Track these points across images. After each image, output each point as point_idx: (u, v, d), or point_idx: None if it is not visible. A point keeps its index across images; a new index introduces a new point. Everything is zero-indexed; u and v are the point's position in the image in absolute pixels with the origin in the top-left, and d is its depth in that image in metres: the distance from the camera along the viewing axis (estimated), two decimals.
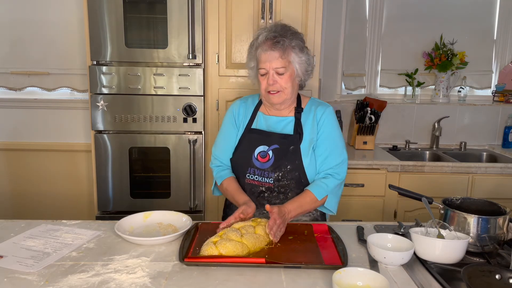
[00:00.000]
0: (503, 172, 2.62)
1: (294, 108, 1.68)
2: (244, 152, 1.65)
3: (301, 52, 1.59)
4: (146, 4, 2.46)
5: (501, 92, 3.23)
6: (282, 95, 1.60)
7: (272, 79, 1.57)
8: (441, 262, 1.25)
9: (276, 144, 1.61)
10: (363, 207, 2.62)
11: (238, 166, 1.67)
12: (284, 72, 1.57)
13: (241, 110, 1.73)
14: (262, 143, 1.63)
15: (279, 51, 1.54)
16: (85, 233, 1.47)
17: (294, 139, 1.61)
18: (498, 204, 1.38)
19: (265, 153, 1.61)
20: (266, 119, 1.69)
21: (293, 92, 1.63)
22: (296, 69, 1.60)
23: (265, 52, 1.55)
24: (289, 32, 1.59)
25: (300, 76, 1.62)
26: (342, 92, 3.20)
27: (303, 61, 1.60)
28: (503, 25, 3.22)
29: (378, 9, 3.18)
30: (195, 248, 1.33)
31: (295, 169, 1.60)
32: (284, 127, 1.66)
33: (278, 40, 1.54)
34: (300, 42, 1.60)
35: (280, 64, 1.55)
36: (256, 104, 1.74)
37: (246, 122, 1.70)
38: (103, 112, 2.44)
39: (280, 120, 1.67)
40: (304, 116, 1.66)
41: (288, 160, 1.60)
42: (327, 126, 1.64)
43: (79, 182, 3.04)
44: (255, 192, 1.63)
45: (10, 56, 2.91)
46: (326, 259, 1.27)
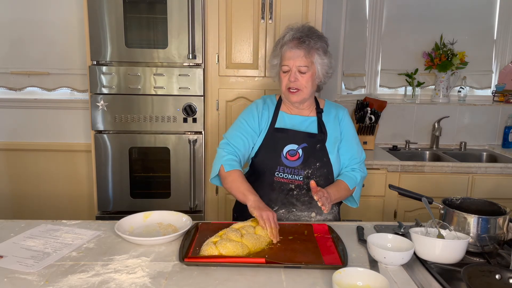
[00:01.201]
0: (503, 172, 2.62)
1: (314, 108, 1.75)
2: (272, 151, 1.66)
3: (325, 54, 1.65)
4: (146, 4, 2.46)
5: (501, 92, 3.23)
6: (301, 94, 1.64)
7: (294, 76, 1.61)
8: (441, 262, 1.25)
9: (304, 142, 1.66)
10: (363, 207, 2.62)
11: (265, 165, 1.67)
12: (306, 71, 1.61)
13: (265, 111, 1.73)
14: (290, 142, 1.66)
15: (304, 50, 1.60)
16: (85, 233, 1.47)
17: (319, 138, 1.68)
18: (498, 204, 1.38)
19: (294, 151, 1.65)
20: (290, 118, 1.72)
21: (312, 92, 1.69)
22: (317, 70, 1.65)
23: (291, 50, 1.61)
24: (315, 34, 1.65)
25: (320, 77, 1.68)
26: (342, 92, 3.20)
27: (325, 64, 1.65)
28: (503, 25, 3.22)
29: (378, 9, 3.18)
30: (195, 248, 1.33)
31: (323, 166, 1.66)
32: (308, 126, 1.71)
33: (304, 40, 1.60)
34: (324, 45, 1.66)
35: (303, 62, 1.60)
36: (276, 104, 1.76)
37: (269, 121, 1.71)
38: (103, 112, 2.44)
39: (304, 120, 1.72)
40: (324, 117, 1.73)
41: (317, 158, 1.65)
42: (349, 126, 1.75)
43: (79, 182, 3.04)
44: (284, 190, 1.66)
45: (10, 56, 2.91)
46: (326, 259, 1.27)
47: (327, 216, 1.71)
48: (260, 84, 2.50)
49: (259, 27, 2.43)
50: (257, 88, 2.51)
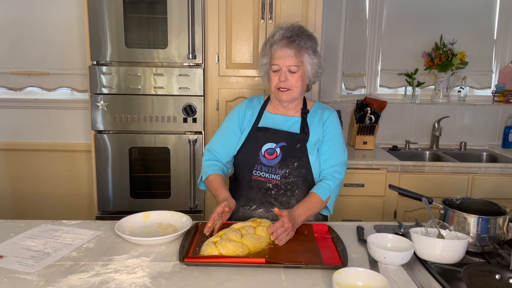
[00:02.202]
0: (503, 172, 2.62)
1: (300, 108, 1.72)
2: (251, 149, 1.67)
3: (314, 54, 1.64)
4: (146, 4, 2.46)
5: (501, 92, 3.23)
6: (291, 93, 1.64)
7: (284, 76, 1.61)
8: (441, 262, 1.25)
9: (284, 141, 1.64)
10: (363, 207, 2.62)
11: (244, 163, 1.68)
12: (296, 70, 1.61)
13: (248, 111, 1.74)
14: (269, 141, 1.66)
15: (294, 49, 1.59)
16: (85, 233, 1.47)
17: (300, 138, 1.65)
18: (498, 204, 1.38)
19: (272, 150, 1.64)
20: (273, 117, 1.72)
21: (301, 92, 1.67)
22: (307, 70, 1.63)
23: (280, 49, 1.60)
24: (305, 34, 1.63)
25: (310, 77, 1.66)
26: (342, 92, 3.20)
27: (315, 63, 1.64)
28: (503, 25, 3.22)
29: (378, 9, 3.18)
30: (195, 248, 1.33)
31: (302, 167, 1.63)
32: (290, 126, 1.69)
33: (294, 39, 1.59)
34: (314, 45, 1.65)
35: (293, 62, 1.59)
36: (262, 103, 1.77)
37: (252, 121, 1.72)
38: (103, 112, 2.44)
39: (287, 119, 1.71)
40: (310, 117, 1.71)
41: (295, 158, 1.63)
42: (332, 128, 1.69)
43: (79, 182, 3.04)
44: (262, 189, 1.65)
45: (10, 56, 2.91)
46: (326, 259, 1.27)
47: None
48: (260, 84, 2.50)
49: (259, 27, 2.43)
50: (257, 88, 2.51)
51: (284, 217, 1.40)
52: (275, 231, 1.37)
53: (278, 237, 1.37)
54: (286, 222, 1.39)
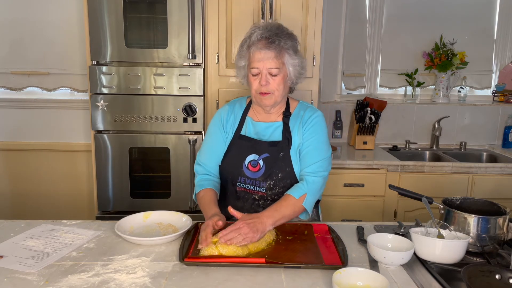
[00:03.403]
0: (503, 172, 2.62)
1: (282, 112, 1.63)
2: (234, 160, 1.60)
3: (295, 54, 1.54)
4: (146, 4, 2.46)
5: (501, 92, 3.23)
6: (273, 97, 1.55)
7: (265, 80, 1.51)
8: (441, 262, 1.25)
9: (266, 152, 1.57)
10: (363, 207, 2.62)
11: (228, 173, 1.62)
12: (277, 73, 1.51)
13: (229, 116, 1.67)
14: (252, 152, 1.58)
15: (274, 51, 1.49)
16: (85, 233, 1.47)
17: (283, 145, 1.57)
18: (498, 204, 1.38)
19: (255, 162, 1.57)
20: (255, 125, 1.64)
21: (283, 95, 1.59)
22: (289, 72, 1.55)
23: (259, 51, 1.49)
24: (284, 33, 1.53)
25: (292, 79, 1.58)
26: (342, 92, 3.20)
27: (297, 64, 1.55)
28: (503, 25, 3.22)
29: (378, 9, 3.18)
30: (195, 248, 1.33)
31: (286, 177, 1.57)
32: (272, 133, 1.61)
33: (274, 40, 1.49)
34: (294, 44, 1.55)
35: (274, 64, 1.49)
36: (244, 108, 1.68)
37: (235, 127, 1.65)
38: (103, 112, 2.44)
39: (268, 126, 1.62)
40: (292, 121, 1.62)
41: (279, 169, 1.56)
42: (312, 127, 1.59)
43: (79, 182, 3.04)
44: (248, 199, 1.60)
45: (10, 56, 2.91)
46: (326, 259, 1.27)
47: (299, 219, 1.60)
48: None
49: None
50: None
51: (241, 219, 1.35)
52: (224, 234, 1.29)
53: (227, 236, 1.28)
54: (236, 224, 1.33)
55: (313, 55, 2.46)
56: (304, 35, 2.44)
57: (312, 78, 2.50)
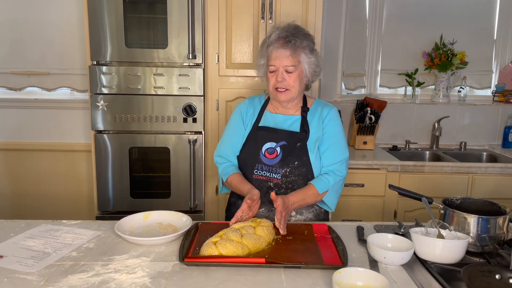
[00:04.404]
0: (503, 172, 2.62)
1: (300, 107, 1.73)
2: (252, 149, 1.69)
3: (311, 53, 1.64)
4: (146, 4, 2.46)
5: (501, 92, 3.23)
6: (289, 94, 1.64)
7: (281, 76, 1.61)
8: (441, 262, 1.25)
9: (284, 140, 1.65)
10: (363, 207, 2.62)
11: (245, 162, 1.70)
12: (293, 70, 1.61)
13: (249, 109, 1.77)
14: (270, 140, 1.67)
15: (290, 49, 1.59)
16: (85, 233, 1.47)
17: (301, 136, 1.66)
18: (498, 204, 1.38)
19: (272, 149, 1.65)
20: (273, 117, 1.73)
21: (300, 91, 1.68)
22: (304, 69, 1.64)
23: (277, 49, 1.60)
24: (301, 33, 1.64)
25: (308, 76, 1.66)
26: (342, 92, 3.20)
27: (312, 62, 1.64)
28: (503, 25, 3.22)
29: (378, 9, 3.18)
30: (195, 248, 1.33)
31: (302, 165, 1.64)
32: (290, 125, 1.70)
33: (290, 39, 1.59)
34: (310, 44, 1.65)
35: (290, 62, 1.60)
36: (263, 103, 1.78)
37: (253, 120, 1.74)
38: (103, 112, 2.44)
39: (287, 118, 1.72)
40: (310, 115, 1.71)
41: (295, 157, 1.64)
42: (332, 124, 1.69)
43: (79, 182, 3.04)
44: (263, 188, 1.66)
45: (10, 56, 2.91)
46: (326, 259, 1.27)
47: (307, 215, 1.70)
48: (260, 84, 2.50)
49: (259, 27, 2.43)
50: (257, 88, 2.50)
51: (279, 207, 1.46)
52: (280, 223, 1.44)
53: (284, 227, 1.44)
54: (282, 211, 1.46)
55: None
56: None
57: None
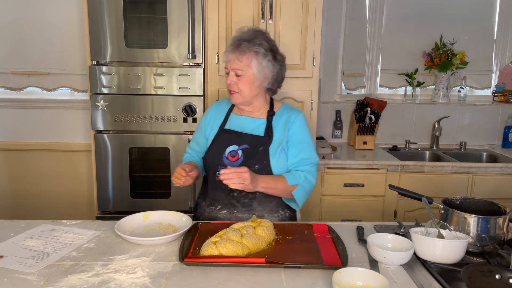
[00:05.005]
0: (503, 172, 2.62)
1: (266, 111, 1.73)
2: (216, 151, 1.71)
3: (264, 58, 1.63)
4: (146, 4, 2.46)
5: (501, 92, 3.23)
6: (239, 97, 1.66)
7: (230, 79, 1.64)
8: (441, 262, 1.25)
9: (246, 144, 1.66)
10: (363, 207, 2.62)
11: (209, 164, 1.72)
12: (242, 74, 1.62)
13: (216, 113, 1.80)
14: (233, 143, 1.68)
15: (239, 53, 1.62)
16: (85, 233, 1.47)
17: (264, 140, 1.66)
18: (498, 204, 1.38)
19: (235, 152, 1.66)
20: (238, 119, 1.74)
21: (253, 95, 1.67)
22: (255, 73, 1.63)
23: (228, 53, 1.65)
24: (258, 38, 1.64)
25: (260, 81, 1.65)
26: (342, 92, 3.20)
27: (264, 67, 1.64)
28: (503, 25, 3.22)
29: (378, 9, 3.18)
30: (195, 248, 1.33)
31: (263, 169, 1.64)
32: (255, 128, 1.70)
33: (240, 43, 1.62)
34: (263, 49, 1.63)
35: (237, 66, 1.62)
36: (231, 106, 1.80)
37: (220, 123, 1.76)
38: (103, 112, 2.44)
39: (252, 121, 1.72)
40: (275, 120, 1.71)
41: (256, 160, 1.64)
42: (301, 130, 1.69)
43: (79, 182, 3.04)
44: (225, 190, 1.66)
45: (10, 56, 2.91)
46: (326, 259, 1.27)
47: (271, 219, 1.64)
48: None
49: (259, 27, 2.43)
50: None
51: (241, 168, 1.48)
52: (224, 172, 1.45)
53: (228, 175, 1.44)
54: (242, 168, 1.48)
55: (313, 55, 2.46)
56: (304, 35, 2.44)
57: (312, 78, 2.50)
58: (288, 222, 1.56)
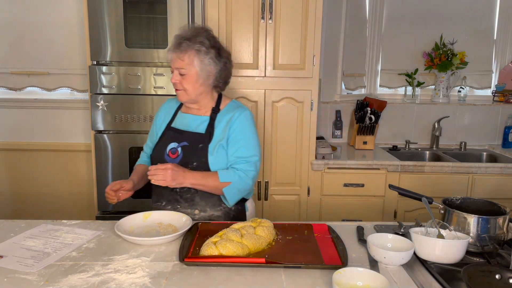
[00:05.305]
0: (503, 172, 2.62)
1: (211, 108, 1.74)
2: (160, 148, 1.73)
3: (206, 55, 1.63)
4: (146, 4, 2.46)
5: (501, 92, 3.23)
6: (185, 95, 1.67)
7: (175, 78, 1.65)
8: (441, 262, 1.25)
9: (186, 141, 1.68)
10: (363, 207, 2.62)
11: (153, 161, 1.75)
12: (185, 73, 1.63)
13: (166, 111, 1.83)
14: (174, 140, 1.71)
15: (180, 52, 1.62)
16: (85, 233, 1.47)
17: (204, 138, 1.67)
18: (498, 204, 1.38)
19: (175, 149, 1.69)
20: (183, 117, 1.76)
21: (196, 93, 1.68)
22: (197, 72, 1.63)
23: (170, 52, 1.65)
24: (200, 36, 1.64)
25: (203, 78, 1.66)
26: (342, 92, 3.20)
27: (206, 65, 1.64)
28: (503, 25, 3.22)
29: (378, 9, 3.18)
30: (195, 248, 1.33)
31: (201, 166, 1.65)
32: (198, 126, 1.72)
33: (181, 42, 1.62)
34: (204, 47, 1.63)
35: (179, 64, 1.62)
36: (179, 104, 1.82)
37: (168, 121, 1.79)
38: (103, 112, 2.44)
39: (195, 119, 1.73)
40: (219, 117, 1.71)
41: (195, 158, 1.66)
42: (241, 127, 1.68)
43: (79, 182, 3.04)
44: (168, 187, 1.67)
45: (10, 56, 2.91)
46: (326, 259, 1.27)
47: (213, 212, 1.68)
48: (260, 84, 2.50)
49: (259, 27, 2.43)
50: (257, 88, 2.51)
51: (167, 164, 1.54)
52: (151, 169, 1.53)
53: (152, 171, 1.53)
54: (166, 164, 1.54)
55: (313, 55, 2.46)
56: (304, 35, 2.44)
57: (312, 78, 2.50)
58: (288, 222, 1.56)
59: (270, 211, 2.63)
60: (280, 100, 2.53)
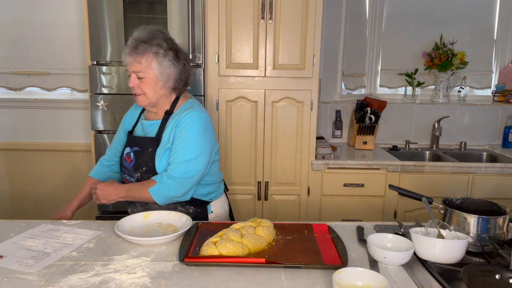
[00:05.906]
0: (503, 172, 2.62)
1: (165, 111, 1.69)
2: (121, 153, 1.76)
3: (164, 58, 1.59)
4: (146, 4, 2.46)
5: (501, 92, 3.23)
6: (144, 99, 1.64)
7: (133, 82, 1.61)
8: (441, 262, 1.25)
9: (137, 146, 1.69)
10: (363, 207, 2.62)
11: (119, 165, 1.82)
12: (143, 76, 1.59)
13: (130, 116, 1.83)
14: (128, 145, 1.73)
15: (137, 55, 1.57)
16: (85, 233, 1.47)
17: (153, 142, 1.66)
18: (498, 204, 1.38)
19: (129, 154, 1.70)
20: (142, 123, 1.75)
21: (157, 96, 1.64)
22: (156, 75, 1.60)
23: (127, 55, 1.60)
24: (158, 38, 1.60)
25: (163, 81, 1.62)
26: (342, 92, 3.20)
27: (165, 67, 1.60)
28: (503, 25, 3.22)
29: (378, 9, 3.18)
30: (195, 248, 1.33)
31: (149, 171, 1.65)
32: (152, 130, 1.70)
33: (138, 45, 1.58)
34: (162, 49, 1.59)
35: (137, 68, 1.59)
36: (142, 109, 1.80)
37: (131, 126, 1.80)
38: (103, 112, 2.44)
39: (152, 124, 1.71)
40: (170, 120, 1.67)
41: (144, 162, 1.65)
42: (184, 129, 1.62)
43: (79, 182, 3.04)
44: None
45: (10, 56, 2.91)
46: (326, 259, 1.27)
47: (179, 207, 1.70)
48: (260, 84, 2.50)
49: (259, 27, 2.43)
50: (257, 88, 2.51)
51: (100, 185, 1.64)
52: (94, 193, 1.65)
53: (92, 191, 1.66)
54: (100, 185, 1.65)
55: (313, 55, 2.46)
56: (304, 35, 2.44)
57: (312, 78, 2.50)
58: (288, 222, 1.56)
59: (270, 211, 2.63)
60: (280, 100, 2.53)
